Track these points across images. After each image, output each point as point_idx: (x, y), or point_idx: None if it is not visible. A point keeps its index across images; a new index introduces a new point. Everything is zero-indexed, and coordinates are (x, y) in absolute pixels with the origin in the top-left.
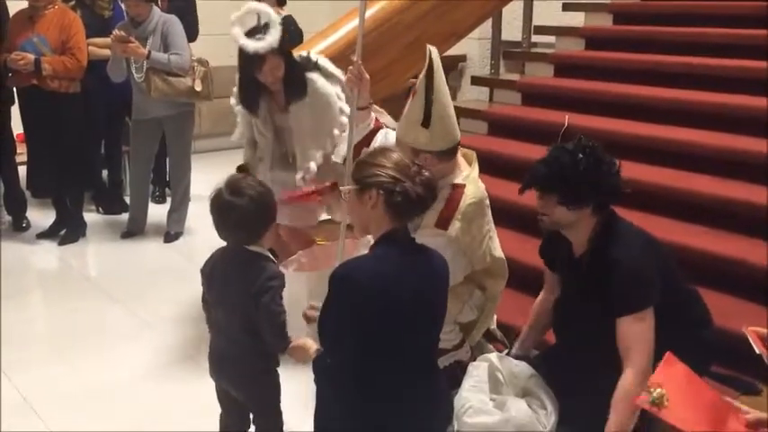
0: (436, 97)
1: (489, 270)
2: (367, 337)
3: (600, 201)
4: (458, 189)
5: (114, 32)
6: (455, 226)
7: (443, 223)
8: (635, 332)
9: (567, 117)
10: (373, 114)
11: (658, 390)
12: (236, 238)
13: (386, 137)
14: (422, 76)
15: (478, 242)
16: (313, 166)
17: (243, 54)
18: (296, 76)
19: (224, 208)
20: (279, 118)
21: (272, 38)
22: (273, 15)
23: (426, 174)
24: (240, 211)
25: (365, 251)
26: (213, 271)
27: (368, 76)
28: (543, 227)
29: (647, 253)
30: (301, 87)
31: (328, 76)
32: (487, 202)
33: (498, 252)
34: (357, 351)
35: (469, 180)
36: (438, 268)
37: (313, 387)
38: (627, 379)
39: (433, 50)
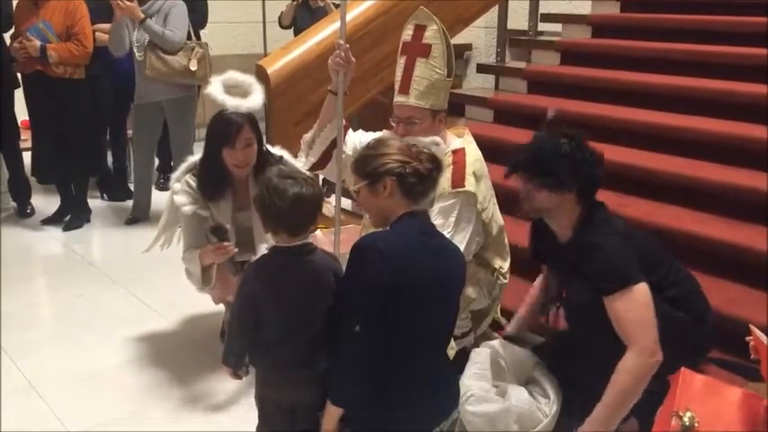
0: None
1: (496, 248)
2: (386, 309)
3: (582, 187)
4: (459, 152)
5: None
6: (470, 181)
7: (459, 182)
8: (626, 311)
9: (549, 109)
10: None
11: (688, 413)
12: (301, 228)
13: (362, 135)
14: (434, 32)
15: (488, 201)
16: None
17: (213, 127)
18: (266, 166)
19: (285, 198)
20: (239, 217)
21: (256, 100)
22: (257, 84)
23: (427, 150)
24: (303, 197)
25: None
26: (277, 277)
27: (354, 59)
28: (524, 215)
29: (626, 237)
30: None
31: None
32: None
33: (501, 222)
34: (375, 323)
35: (466, 143)
36: (454, 255)
37: None
38: (627, 359)
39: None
